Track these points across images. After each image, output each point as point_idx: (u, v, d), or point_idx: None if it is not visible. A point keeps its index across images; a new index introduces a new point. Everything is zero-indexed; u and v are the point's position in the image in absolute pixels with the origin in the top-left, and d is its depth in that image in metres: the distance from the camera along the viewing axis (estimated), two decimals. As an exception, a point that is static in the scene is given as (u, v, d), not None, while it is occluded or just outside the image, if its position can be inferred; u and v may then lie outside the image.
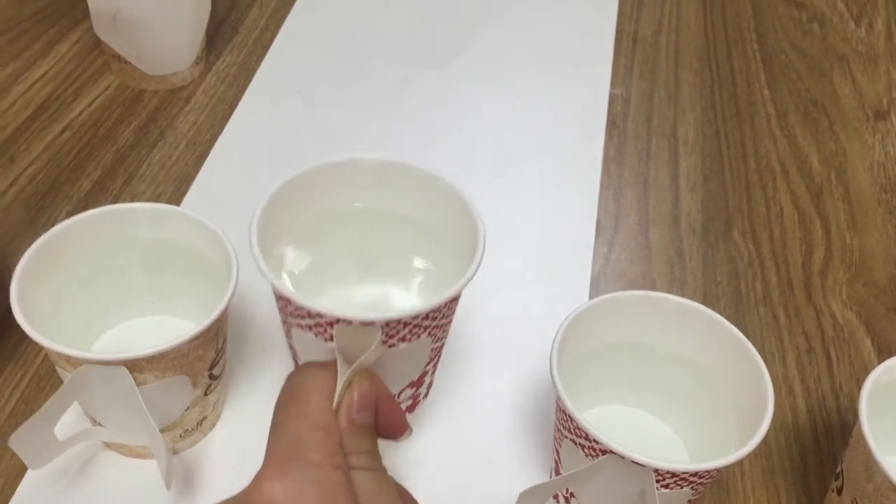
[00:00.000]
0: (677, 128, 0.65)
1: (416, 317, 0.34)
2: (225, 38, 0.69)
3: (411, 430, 0.34)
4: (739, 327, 0.40)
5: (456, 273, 0.36)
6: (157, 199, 0.56)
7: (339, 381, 0.31)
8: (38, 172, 0.57)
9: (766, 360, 0.39)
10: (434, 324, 0.36)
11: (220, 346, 0.41)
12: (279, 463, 0.29)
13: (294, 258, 0.40)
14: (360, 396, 0.31)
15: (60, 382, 0.45)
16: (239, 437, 0.44)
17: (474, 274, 0.35)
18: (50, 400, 0.37)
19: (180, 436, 0.42)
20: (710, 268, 0.55)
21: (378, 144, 0.61)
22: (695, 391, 0.42)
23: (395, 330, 0.34)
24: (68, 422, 0.43)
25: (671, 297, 0.41)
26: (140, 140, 0.60)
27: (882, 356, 0.51)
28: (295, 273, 0.41)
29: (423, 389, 0.40)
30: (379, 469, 0.31)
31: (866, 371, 0.48)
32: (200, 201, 0.56)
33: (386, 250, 0.43)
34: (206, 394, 0.42)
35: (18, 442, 0.37)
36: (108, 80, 0.64)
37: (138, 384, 0.37)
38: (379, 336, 0.33)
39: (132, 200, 0.56)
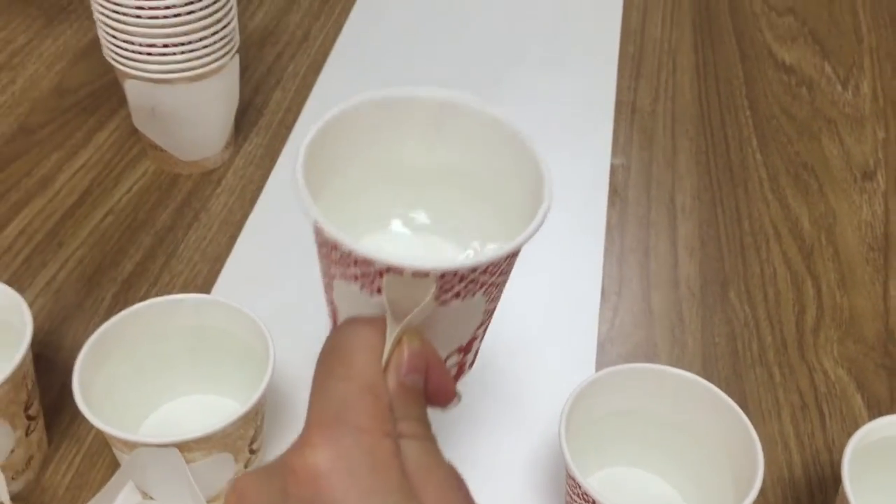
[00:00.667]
0: (675, 194, 0.69)
1: (473, 270, 0.30)
2: (251, 122, 0.74)
3: (460, 396, 0.31)
4: (736, 386, 0.44)
5: (514, 228, 0.33)
6: (193, 279, 0.61)
7: (388, 339, 0.29)
8: (85, 256, 0.62)
9: (762, 418, 0.43)
10: (491, 280, 0.32)
11: (259, 423, 0.45)
12: (324, 428, 0.27)
13: (336, 207, 0.35)
14: (411, 356, 0.29)
15: (113, 459, 0.49)
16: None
17: (539, 227, 0.32)
18: (110, 480, 0.41)
19: None
20: (708, 329, 0.59)
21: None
22: (693, 453, 0.46)
23: (450, 284, 0.30)
24: (122, 498, 0.47)
25: (671, 369, 0.45)
26: (176, 222, 0.65)
27: (871, 410, 0.54)
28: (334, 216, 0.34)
29: (469, 357, 0.37)
30: (430, 438, 0.28)
31: (857, 426, 0.52)
32: (234, 280, 0.61)
33: (437, 204, 0.39)
34: (245, 466, 0.46)
35: None
36: (146, 165, 0.69)
37: (187, 462, 0.42)
38: (433, 289, 0.29)
39: (171, 280, 0.60)
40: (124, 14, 0.58)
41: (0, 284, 0.47)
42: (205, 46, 0.60)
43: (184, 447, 0.41)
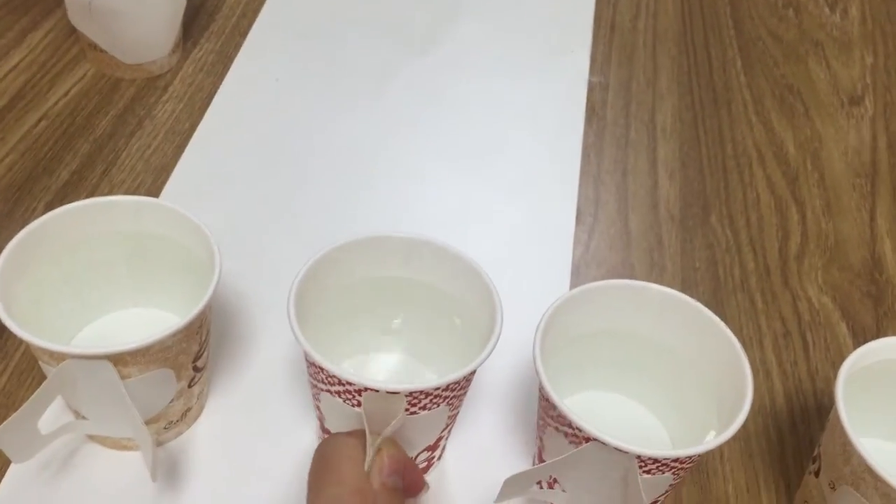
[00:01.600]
0: (655, 114, 0.65)
1: (437, 388, 0.36)
2: (202, 26, 0.68)
3: (428, 486, 0.37)
4: (717, 313, 0.41)
5: (475, 343, 0.39)
6: (136, 190, 0.56)
7: (368, 447, 0.35)
8: (15, 163, 0.56)
9: (743, 345, 0.40)
10: (453, 394, 0.38)
11: (203, 338, 0.41)
12: None
13: (320, 325, 0.41)
14: (391, 461, 0.35)
15: (43, 376, 0.45)
16: (223, 428, 0.45)
17: (492, 350, 0.37)
18: (34, 395, 0.37)
19: (164, 427, 0.42)
20: (688, 254, 0.56)
21: (357, 133, 0.61)
22: (676, 377, 0.43)
23: (418, 399, 0.36)
24: (51, 415, 0.42)
25: (654, 285, 0.42)
26: (118, 129, 0.59)
27: (857, 339, 0.52)
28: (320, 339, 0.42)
29: (437, 452, 0.43)
30: None
31: (842, 355, 0.49)
32: (180, 191, 0.56)
33: (408, 319, 0.45)
34: (190, 386, 0.42)
35: (2, 436, 0.37)
36: (84, 68, 0.63)
37: (122, 377, 0.37)
38: (404, 405, 0.35)
39: (111, 191, 0.55)
40: None
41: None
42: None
43: (118, 360, 0.36)
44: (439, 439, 0.42)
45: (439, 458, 0.44)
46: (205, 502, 0.42)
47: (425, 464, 0.43)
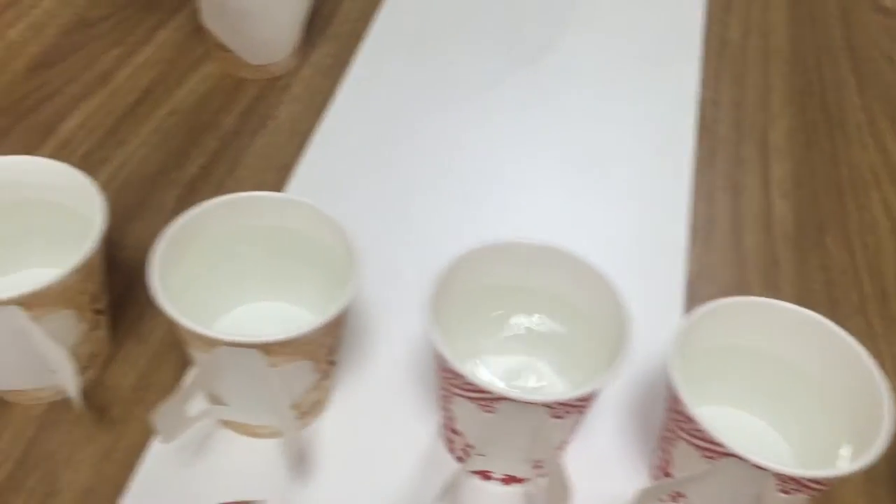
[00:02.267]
0: (768, 133, 0.65)
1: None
2: (319, 30, 0.70)
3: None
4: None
5: (601, 354, 0.40)
6: (259, 186, 0.57)
7: None
8: (147, 155, 0.58)
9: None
10: (587, 404, 0.39)
11: (340, 334, 0.42)
12: None
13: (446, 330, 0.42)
14: None
15: (179, 360, 0.47)
16: (348, 420, 0.46)
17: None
18: (190, 380, 0.38)
19: (296, 417, 0.44)
20: (804, 275, 0.55)
21: (469, 140, 0.62)
22: (804, 397, 0.43)
23: (558, 412, 0.38)
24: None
25: (792, 306, 0.42)
26: (242, 128, 0.61)
27: (979, 370, 0.51)
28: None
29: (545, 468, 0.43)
30: None
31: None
32: (301, 191, 0.57)
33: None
34: (324, 378, 0.43)
35: (159, 419, 0.38)
36: (209, 67, 0.65)
37: (269, 366, 0.39)
38: (545, 413, 0.37)
39: (236, 187, 0.57)
40: None
41: (72, 169, 0.44)
42: (286, -62, 0.57)
43: (267, 349, 0.38)
44: (561, 445, 0.42)
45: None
46: (330, 491, 0.43)
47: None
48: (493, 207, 0.58)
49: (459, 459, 0.43)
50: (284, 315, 0.47)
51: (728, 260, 0.56)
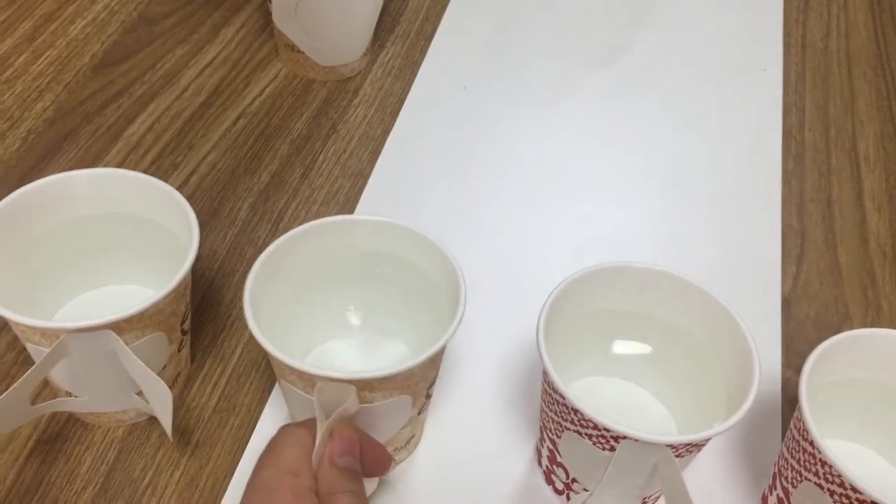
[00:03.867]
0: (857, 142, 0.62)
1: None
2: (387, 30, 0.67)
3: (395, 461, 0.37)
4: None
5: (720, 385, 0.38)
6: (335, 194, 0.55)
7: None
8: (218, 161, 0.56)
9: None
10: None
11: (439, 366, 0.40)
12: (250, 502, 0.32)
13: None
14: (342, 442, 0.34)
15: (261, 383, 0.45)
16: (441, 453, 0.44)
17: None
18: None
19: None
20: (905, 294, 0.53)
21: (544, 146, 0.60)
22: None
23: (371, 387, 0.36)
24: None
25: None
26: (313, 132, 0.59)
27: None
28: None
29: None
30: None
31: None
32: (377, 199, 0.55)
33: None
34: (419, 413, 0.41)
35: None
36: (277, 67, 0.63)
37: (366, 401, 0.37)
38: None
39: (311, 195, 0.55)
40: None
41: (164, 185, 0.42)
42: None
43: (370, 385, 0.36)
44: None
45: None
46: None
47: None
48: (575, 218, 0.56)
49: (558, 492, 0.42)
50: (374, 348, 0.45)
51: (824, 277, 0.54)
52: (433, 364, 0.38)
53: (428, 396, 0.41)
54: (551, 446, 0.40)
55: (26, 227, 0.41)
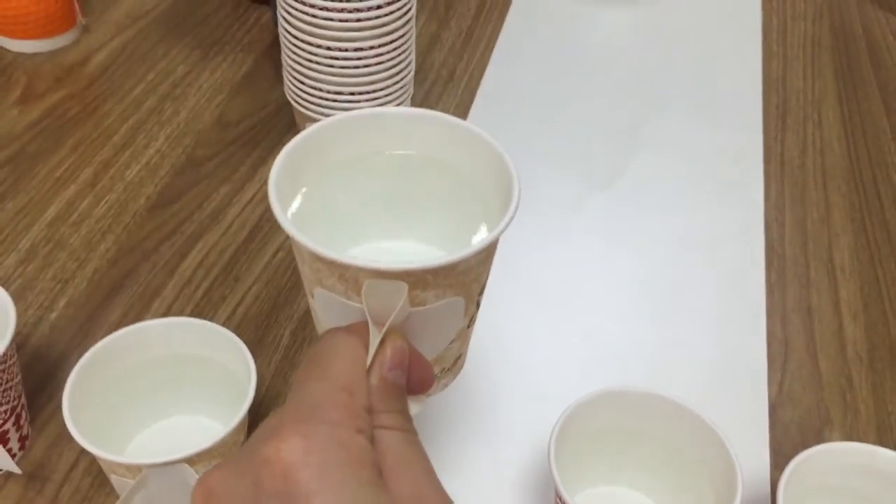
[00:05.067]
0: (833, 253, 0.69)
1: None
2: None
3: (442, 382, 0.34)
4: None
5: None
6: (365, 319, 0.62)
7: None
8: (261, 292, 0.64)
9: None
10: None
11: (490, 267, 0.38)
12: (298, 423, 0.27)
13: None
14: (394, 354, 0.30)
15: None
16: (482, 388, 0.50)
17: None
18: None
19: (437, 374, 0.38)
20: (880, 397, 0.59)
21: (552, 263, 0.67)
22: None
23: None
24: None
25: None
26: (344, 261, 0.66)
27: None
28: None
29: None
30: (411, 430, 0.30)
31: None
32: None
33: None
34: (469, 325, 0.39)
35: None
36: (309, 202, 0.71)
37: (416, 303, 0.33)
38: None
39: (344, 320, 0.62)
40: (317, 63, 0.60)
41: (224, 330, 0.49)
42: (387, 94, 0.62)
43: (425, 280, 0.32)
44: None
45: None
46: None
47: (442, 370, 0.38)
48: (576, 331, 0.62)
49: None
50: (412, 252, 0.39)
51: (806, 384, 0.60)
52: (488, 259, 0.36)
53: (477, 305, 0.38)
54: None
55: (109, 368, 0.48)
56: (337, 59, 0.59)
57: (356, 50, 0.60)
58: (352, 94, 0.61)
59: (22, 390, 0.51)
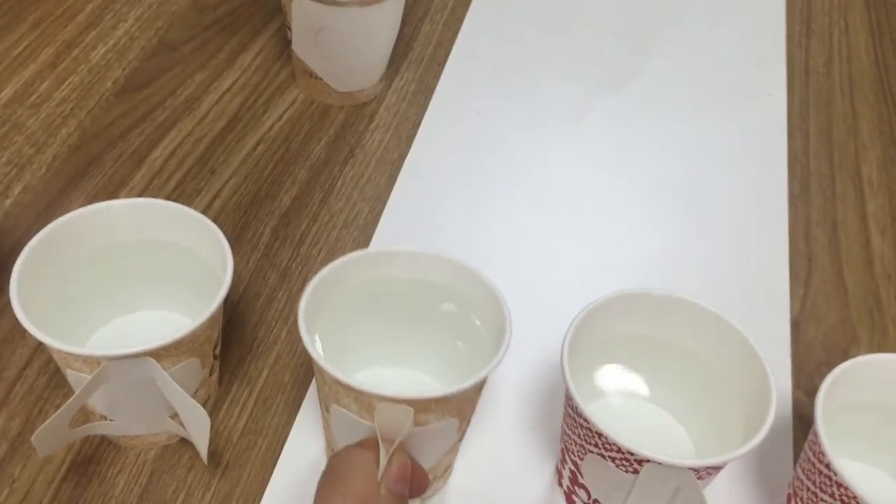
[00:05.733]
0: (860, 166, 0.64)
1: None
2: (401, 55, 0.69)
3: (432, 487, 0.39)
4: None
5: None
6: (354, 218, 0.57)
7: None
8: (239, 186, 0.58)
9: None
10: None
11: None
12: None
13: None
14: (399, 469, 0.35)
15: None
16: (463, 477, 0.45)
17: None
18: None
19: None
20: (909, 316, 0.55)
21: (558, 169, 0.62)
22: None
23: (427, 408, 0.37)
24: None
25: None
26: (331, 157, 0.61)
27: None
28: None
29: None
30: None
31: None
32: (396, 222, 0.57)
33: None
34: (460, 441, 0.42)
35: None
36: (294, 93, 0.65)
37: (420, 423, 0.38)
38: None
39: (331, 219, 0.57)
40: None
41: (197, 214, 0.43)
42: (384, -33, 0.56)
43: (426, 406, 0.36)
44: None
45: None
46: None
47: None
48: (588, 241, 0.57)
49: (579, 511, 0.43)
50: (409, 378, 0.46)
51: (831, 300, 0.55)
52: (481, 386, 0.40)
53: (469, 422, 0.42)
54: (573, 468, 0.41)
55: (65, 254, 0.42)
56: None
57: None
58: (344, -35, 0.55)
59: (-32, 278, 0.46)
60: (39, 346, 0.48)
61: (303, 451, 0.45)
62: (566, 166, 0.62)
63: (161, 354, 0.38)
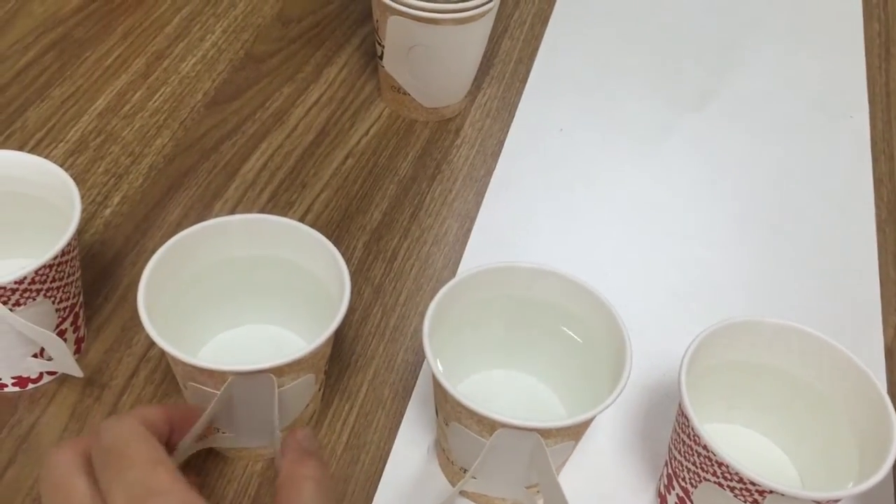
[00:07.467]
0: (948, 191, 0.64)
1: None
2: (483, 71, 0.69)
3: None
4: None
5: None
6: (444, 235, 0.57)
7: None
8: (330, 200, 0.58)
9: None
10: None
11: None
12: None
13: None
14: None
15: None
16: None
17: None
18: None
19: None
20: None
21: (641, 187, 0.62)
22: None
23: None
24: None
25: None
26: (419, 172, 0.61)
27: None
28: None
29: None
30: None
31: None
32: (487, 241, 0.57)
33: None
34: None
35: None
36: (380, 107, 0.65)
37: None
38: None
39: (421, 235, 0.57)
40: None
41: (312, 230, 0.44)
42: (480, -18, 0.56)
43: (546, 432, 0.38)
44: None
45: None
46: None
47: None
48: (671, 261, 0.57)
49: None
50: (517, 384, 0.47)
51: (924, 327, 0.55)
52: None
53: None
54: (682, 493, 0.41)
55: (182, 269, 0.43)
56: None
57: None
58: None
59: (81, 288, 0.47)
60: (145, 356, 0.49)
61: (406, 467, 0.45)
62: (649, 185, 0.62)
63: (284, 371, 0.38)
